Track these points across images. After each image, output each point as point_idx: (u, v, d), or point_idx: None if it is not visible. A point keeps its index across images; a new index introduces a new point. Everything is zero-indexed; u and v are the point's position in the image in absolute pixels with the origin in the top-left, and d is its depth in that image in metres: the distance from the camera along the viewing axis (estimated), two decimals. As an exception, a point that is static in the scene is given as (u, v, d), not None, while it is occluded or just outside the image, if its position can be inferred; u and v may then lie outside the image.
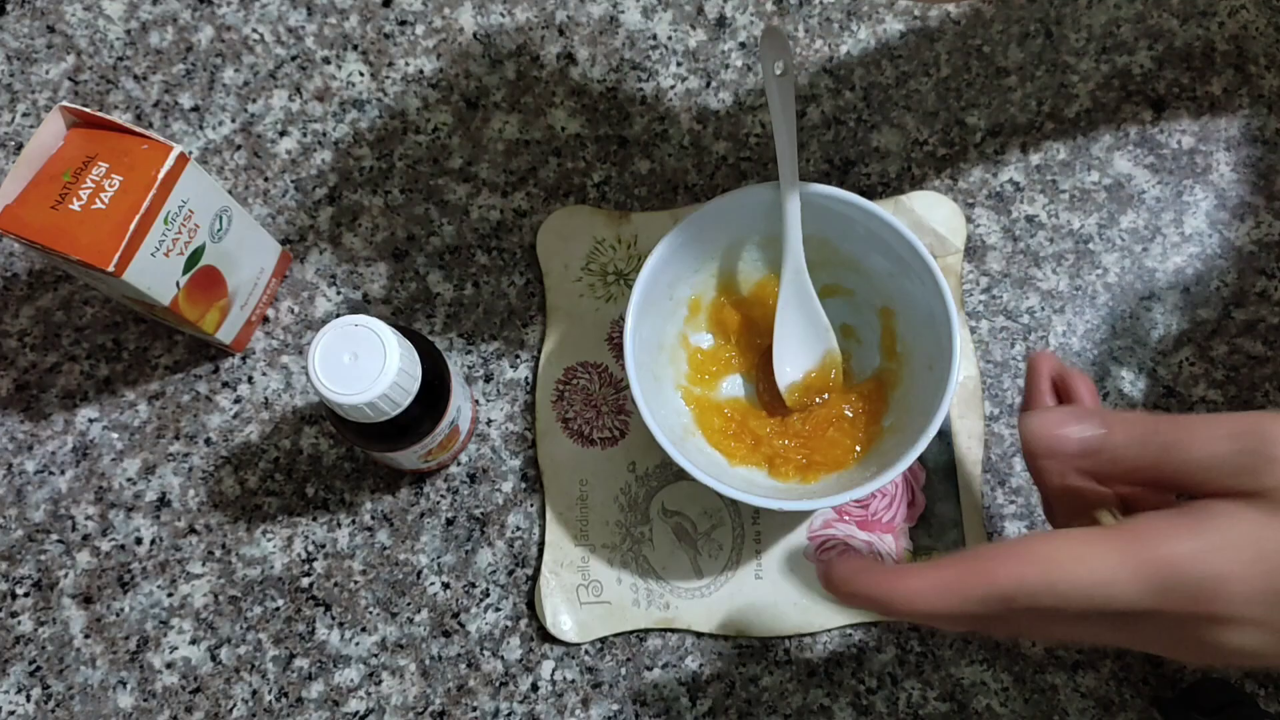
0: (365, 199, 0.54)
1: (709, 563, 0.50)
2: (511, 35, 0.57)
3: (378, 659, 0.49)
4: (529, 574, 0.50)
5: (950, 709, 0.48)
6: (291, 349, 0.53)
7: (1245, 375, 0.52)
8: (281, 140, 0.55)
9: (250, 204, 0.54)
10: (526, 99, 0.56)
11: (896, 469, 0.43)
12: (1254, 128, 0.55)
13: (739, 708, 0.49)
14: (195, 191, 0.44)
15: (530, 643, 0.49)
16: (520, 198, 0.55)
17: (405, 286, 0.53)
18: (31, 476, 0.51)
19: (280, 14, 0.57)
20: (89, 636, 0.49)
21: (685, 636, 0.49)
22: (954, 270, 0.53)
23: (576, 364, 0.52)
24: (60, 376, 0.52)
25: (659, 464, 0.51)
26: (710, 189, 0.55)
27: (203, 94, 0.56)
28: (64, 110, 0.43)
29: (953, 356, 0.44)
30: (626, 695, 0.49)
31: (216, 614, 0.49)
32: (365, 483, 0.51)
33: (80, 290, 0.53)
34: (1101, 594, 0.30)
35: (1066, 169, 0.55)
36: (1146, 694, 0.48)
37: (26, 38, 0.56)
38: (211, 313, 0.48)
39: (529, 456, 0.51)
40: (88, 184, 0.42)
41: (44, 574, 0.50)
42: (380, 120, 0.55)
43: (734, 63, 0.56)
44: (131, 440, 0.51)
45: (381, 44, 0.57)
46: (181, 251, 0.45)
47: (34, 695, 0.48)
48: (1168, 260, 0.54)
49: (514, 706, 0.49)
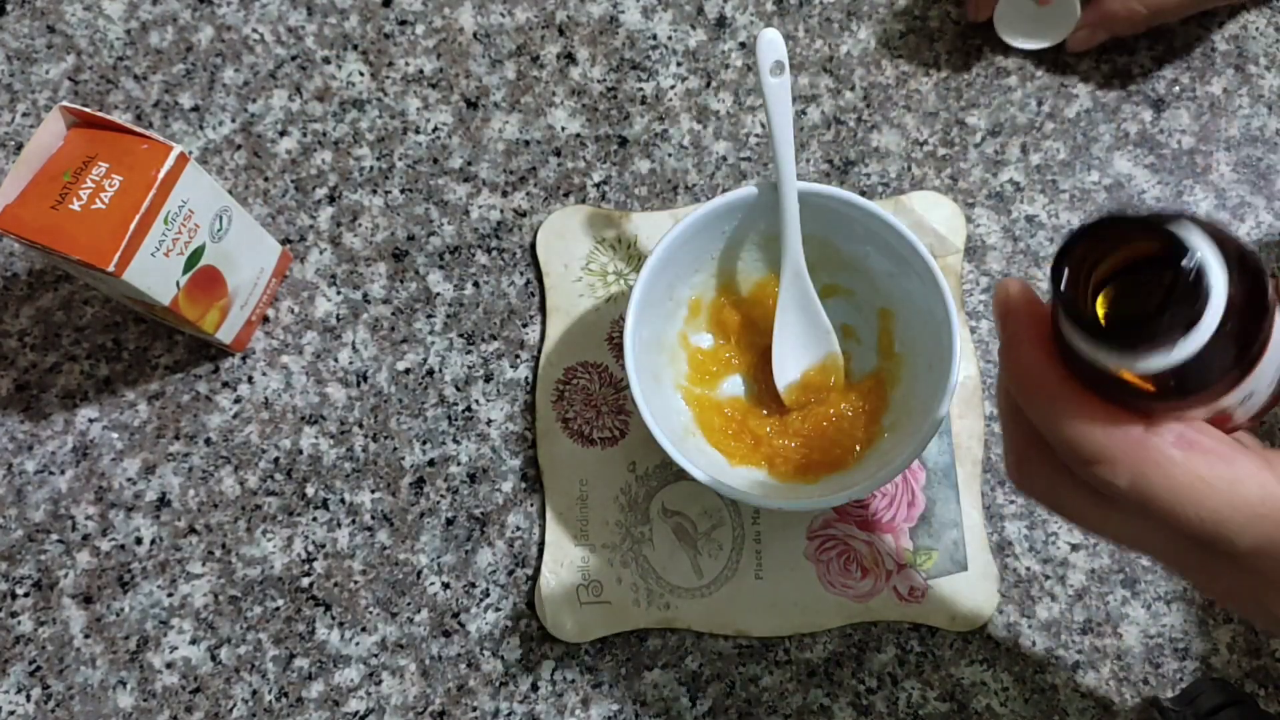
0: (365, 199, 0.54)
1: (709, 563, 0.50)
2: (511, 35, 0.57)
3: (378, 659, 0.49)
4: (529, 574, 0.50)
5: (950, 709, 0.48)
6: (291, 349, 0.53)
7: (1245, 375, 0.52)
8: (281, 140, 0.55)
9: (250, 204, 0.54)
10: (526, 99, 0.56)
11: (896, 469, 0.43)
12: (1254, 128, 0.55)
13: (739, 708, 0.49)
14: (195, 191, 0.44)
15: (530, 643, 0.49)
16: (520, 198, 0.55)
17: (405, 286, 0.53)
18: (31, 476, 0.51)
19: (280, 14, 0.57)
20: (89, 636, 0.49)
21: (685, 636, 0.49)
22: (954, 270, 0.53)
23: (576, 364, 0.52)
24: (60, 376, 0.52)
25: (659, 464, 0.51)
26: (710, 189, 0.55)
27: (203, 94, 0.56)
28: (64, 110, 0.43)
29: (952, 356, 0.44)
30: (626, 695, 0.49)
31: (216, 614, 0.49)
32: (365, 483, 0.51)
33: (80, 290, 0.53)
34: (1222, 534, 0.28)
35: (1066, 169, 0.55)
36: (1146, 694, 0.48)
37: (26, 38, 0.56)
38: (211, 313, 0.48)
39: (529, 456, 0.51)
40: (88, 184, 0.42)
41: (44, 574, 0.50)
42: (380, 120, 0.55)
43: (734, 63, 0.56)
44: (131, 440, 0.51)
45: (381, 44, 0.57)
46: (181, 251, 0.45)
47: (34, 695, 0.48)
48: (1168, 260, 0.54)
49: (514, 706, 0.49)
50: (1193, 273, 0.25)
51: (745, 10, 0.57)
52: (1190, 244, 0.25)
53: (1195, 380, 0.27)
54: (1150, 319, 0.25)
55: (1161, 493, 0.28)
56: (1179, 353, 0.26)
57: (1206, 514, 0.27)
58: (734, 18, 0.57)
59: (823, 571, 0.50)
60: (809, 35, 0.57)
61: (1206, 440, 0.28)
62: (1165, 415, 0.29)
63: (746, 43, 0.57)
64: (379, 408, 0.52)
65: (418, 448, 0.51)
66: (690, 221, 0.47)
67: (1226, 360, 0.27)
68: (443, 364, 0.52)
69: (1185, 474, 0.27)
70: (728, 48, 0.57)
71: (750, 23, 0.57)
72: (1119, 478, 0.28)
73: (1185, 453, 0.27)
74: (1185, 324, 0.25)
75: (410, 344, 0.53)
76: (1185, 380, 0.27)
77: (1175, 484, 0.27)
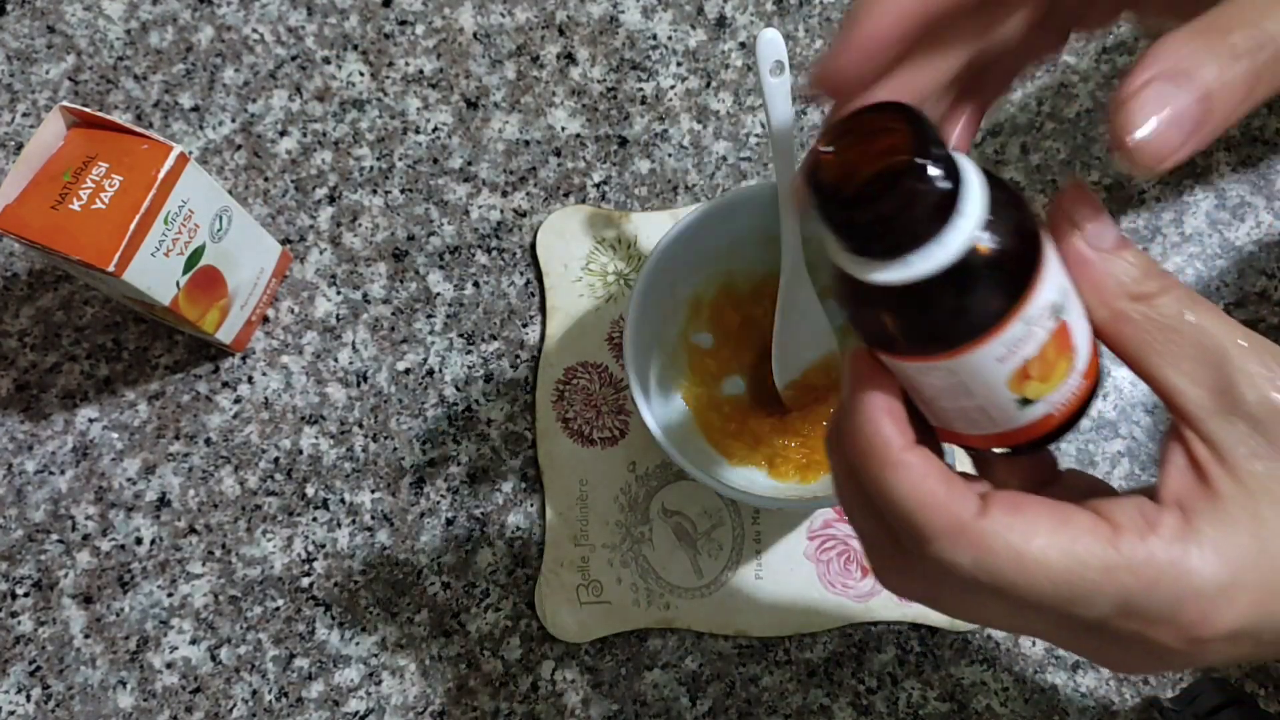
0: (365, 199, 0.54)
1: (709, 563, 0.50)
2: (511, 35, 0.57)
3: (378, 659, 0.49)
4: (529, 574, 0.50)
5: (950, 709, 0.48)
6: (291, 349, 0.53)
7: (1245, 375, 0.52)
8: (281, 140, 0.55)
9: (250, 204, 0.54)
10: (526, 99, 0.56)
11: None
12: (1254, 128, 0.55)
13: (739, 708, 0.49)
14: (195, 191, 0.44)
15: (530, 643, 0.49)
16: (520, 198, 0.55)
17: (405, 286, 0.53)
18: (31, 476, 0.51)
19: (280, 14, 0.57)
20: (89, 636, 0.49)
21: (685, 636, 0.49)
22: (954, 270, 0.53)
23: (576, 364, 0.52)
24: (60, 376, 0.52)
25: (659, 464, 0.51)
26: (710, 189, 0.55)
27: (203, 94, 0.56)
28: (64, 110, 0.43)
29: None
30: (626, 695, 0.49)
31: (216, 614, 0.49)
32: (365, 483, 0.51)
33: (80, 290, 0.53)
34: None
35: (1066, 169, 0.55)
36: (1146, 694, 0.48)
37: (26, 38, 0.56)
38: (211, 312, 0.48)
39: (529, 456, 0.51)
40: (88, 184, 0.42)
41: (44, 574, 0.50)
42: (380, 120, 0.55)
43: (734, 63, 0.56)
44: (131, 440, 0.51)
45: (381, 44, 0.57)
46: (181, 251, 0.45)
47: (34, 695, 0.48)
48: (1168, 260, 0.54)
49: (514, 706, 0.49)
50: (940, 163, 0.23)
51: (745, 10, 0.57)
52: (939, 141, 0.24)
53: (945, 317, 0.24)
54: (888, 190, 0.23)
55: (1006, 568, 0.25)
56: (923, 261, 0.24)
57: (1058, 583, 0.25)
58: (734, 18, 0.57)
59: (823, 571, 0.50)
60: (809, 35, 0.57)
61: (1037, 503, 0.26)
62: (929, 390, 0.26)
63: (746, 43, 0.57)
64: (379, 408, 0.52)
65: (418, 448, 0.51)
66: (690, 221, 0.47)
67: (984, 301, 0.24)
68: (443, 364, 0.52)
69: (1022, 541, 0.25)
70: (728, 48, 0.57)
71: (750, 23, 0.57)
72: (960, 555, 0.25)
73: (1014, 516, 0.25)
74: (929, 217, 0.23)
75: (410, 344, 0.53)
76: (930, 310, 0.24)
77: (1018, 554, 0.25)
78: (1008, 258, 0.25)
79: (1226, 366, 0.25)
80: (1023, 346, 0.25)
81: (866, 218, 0.24)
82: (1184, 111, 0.24)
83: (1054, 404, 0.27)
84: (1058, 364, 0.27)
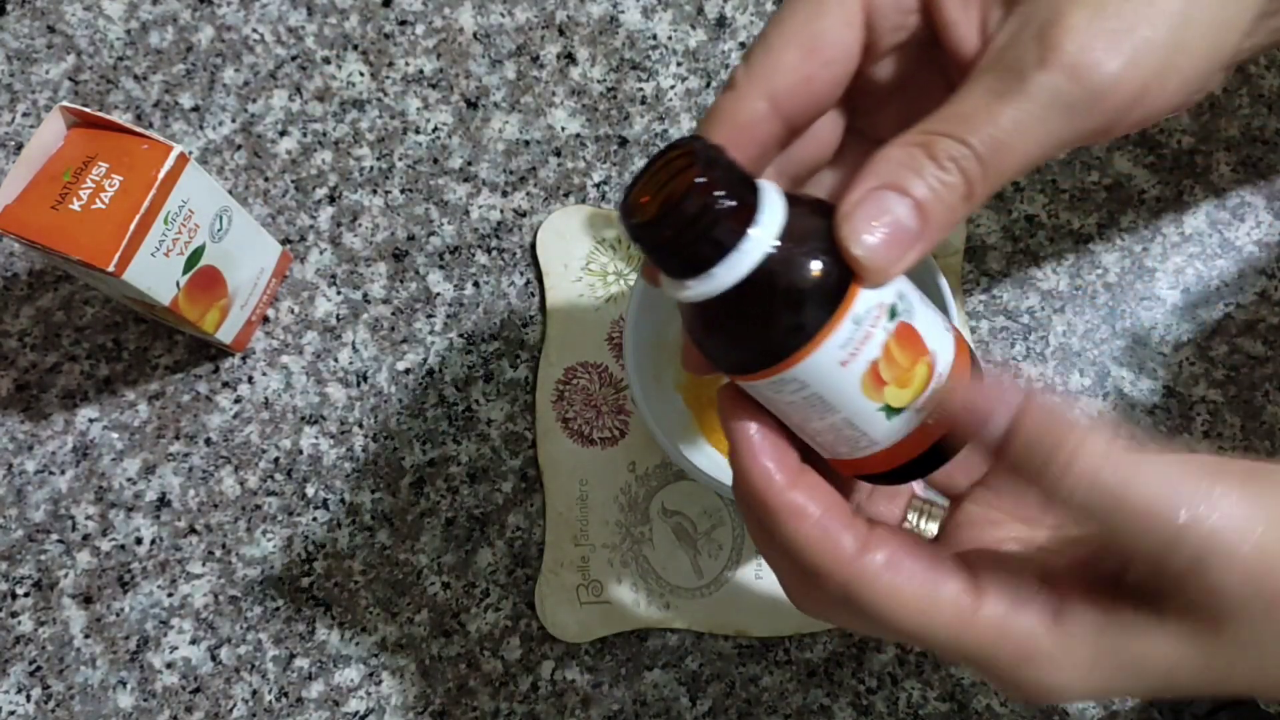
0: (365, 199, 0.54)
1: (709, 563, 0.50)
2: (511, 35, 0.57)
3: (378, 659, 0.49)
4: (529, 574, 0.50)
5: (950, 709, 0.48)
6: (291, 349, 0.53)
7: (1245, 375, 0.52)
8: (281, 140, 0.55)
9: (250, 204, 0.54)
10: (526, 99, 0.56)
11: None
12: (1254, 128, 0.55)
13: (739, 708, 0.49)
14: (195, 191, 0.44)
15: (530, 643, 0.49)
16: (520, 198, 0.55)
17: (405, 286, 0.53)
18: (31, 476, 0.51)
19: (280, 14, 0.57)
20: (89, 636, 0.49)
21: (685, 636, 0.49)
22: (954, 270, 0.53)
23: (576, 364, 0.52)
24: (60, 376, 0.52)
25: (659, 464, 0.51)
26: (710, 189, 0.55)
27: (203, 94, 0.56)
28: (64, 110, 0.43)
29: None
30: (626, 695, 0.49)
31: (216, 614, 0.49)
32: (365, 483, 0.51)
33: (80, 290, 0.53)
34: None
35: (1066, 169, 0.55)
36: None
37: (26, 38, 0.56)
38: (211, 313, 0.48)
39: (529, 456, 0.51)
40: (88, 184, 0.42)
41: (44, 574, 0.50)
42: (380, 120, 0.55)
43: (734, 63, 0.56)
44: (131, 440, 0.51)
45: (381, 44, 0.57)
46: (181, 251, 0.45)
47: (34, 695, 0.48)
48: (1168, 260, 0.54)
49: (514, 706, 0.49)
50: (725, 182, 0.24)
51: (745, 10, 0.57)
52: (729, 164, 0.25)
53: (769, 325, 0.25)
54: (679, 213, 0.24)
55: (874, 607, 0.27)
56: (727, 271, 0.25)
57: (911, 630, 0.27)
58: (734, 18, 0.57)
59: (823, 571, 0.50)
60: (809, 35, 0.57)
61: (912, 562, 0.27)
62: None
63: (746, 43, 0.57)
64: (379, 408, 0.52)
65: (418, 448, 0.51)
66: (690, 221, 0.47)
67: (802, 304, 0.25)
68: (443, 364, 0.52)
69: (887, 590, 0.26)
70: (728, 48, 0.57)
71: (750, 23, 0.57)
72: (831, 590, 0.27)
73: (890, 574, 0.27)
74: (725, 231, 0.24)
75: (410, 344, 0.53)
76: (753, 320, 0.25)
77: (880, 600, 0.27)
78: (817, 261, 0.25)
79: None
80: (863, 348, 0.26)
81: (665, 238, 0.25)
82: (901, 222, 0.25)
83: (924, 413, 0.27)
84: (913, 368, 0.27)
